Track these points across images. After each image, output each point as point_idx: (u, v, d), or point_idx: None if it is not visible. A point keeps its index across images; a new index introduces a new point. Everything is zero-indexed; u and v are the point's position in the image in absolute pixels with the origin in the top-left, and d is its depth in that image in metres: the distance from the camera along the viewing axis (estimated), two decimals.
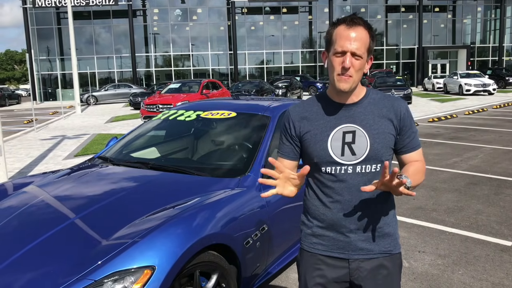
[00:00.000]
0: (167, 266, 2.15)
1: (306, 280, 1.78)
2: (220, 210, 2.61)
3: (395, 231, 1.77)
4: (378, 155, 1.68)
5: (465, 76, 26.54)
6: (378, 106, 1.73)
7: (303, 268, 1.81)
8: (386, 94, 1.80)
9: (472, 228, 4.53)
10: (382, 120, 1.70)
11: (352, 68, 1.62)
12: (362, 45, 1.62)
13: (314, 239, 1.77)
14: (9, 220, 2.67)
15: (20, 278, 2.12)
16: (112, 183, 3.20)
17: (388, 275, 1.73)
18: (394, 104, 1.73)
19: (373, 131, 1.68)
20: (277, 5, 36.95)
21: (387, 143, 1.69)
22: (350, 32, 1.62)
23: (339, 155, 1.68)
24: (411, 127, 1.74)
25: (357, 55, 1.62)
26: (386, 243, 1.74)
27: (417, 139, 1.77)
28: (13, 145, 11.36)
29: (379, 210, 1.72)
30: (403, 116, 1.72)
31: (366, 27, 1.66)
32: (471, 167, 7.24)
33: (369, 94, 1.76)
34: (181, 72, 37.02)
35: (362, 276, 1.72)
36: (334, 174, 1.69)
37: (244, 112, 3.77)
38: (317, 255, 1.76)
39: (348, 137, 1.68)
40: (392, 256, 1.75)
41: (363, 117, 1.70)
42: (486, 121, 13.57)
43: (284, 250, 3.23)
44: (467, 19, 40.40)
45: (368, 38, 1.65)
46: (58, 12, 35.32)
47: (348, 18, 1.64)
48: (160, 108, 14.64)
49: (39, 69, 35.24)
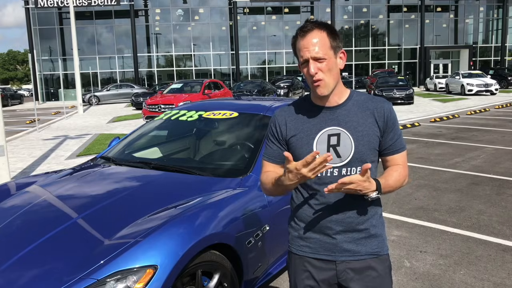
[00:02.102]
0: (169, 266, 2.16)
1: (296, 282, 1.80)
2: (222, 210, 2.62)
3: (382, 232, 1.77)
4: (363, 157, 1.68)
5: (467, 76, 26.49)
6: (362, 107, 1.73)
7: (292, 271, 1.83)
8: (370, 96, 1.80)
9: (474, 228, 4.53)
10: (366, 122, 1.70)
11: (319, 72, 1.64)
12: (320, 47, 1.63)
13: (301, 242, 1.78)
14: (12, 220, 2.69)
15: (23, 276, 2.13)
16: (114, 183, 3.21)
17: (377, 277, 1.73)
18: (378, 106, 1.73)
19: (358, 133, 1.68)
20: (279, 5, 36.94)
21: (371, 145, 1.70)
22: (305, 41, 1.64)
23: None
24: (394, 128, 1.73)
25: (319, 58, 1.63)
26: (373, 244, 1.74)
27: (401, 141, 1.75)
28: (15, 145, 11.39)
29: (365, 212, 1.72)
30: (387, 117, 1.72)
31: (321, 28, 1.66)
32: (473, 167, 7.23)
33: (352, 95, 1.76)
34: (183, 72, 37.05)
35: (349, 277, 1.72)
36: (320, 177, 1.69)
37: (246, 112, 3.77)
38: (305, 257, 1.77)
39: (333, 140, 1.69)
40: (380, 257, 1.75)
41: (347, 119, 1.70)
42: (488, 121, 13.54)
43: (286, 250, 3.23)
44: (469, 19, 40.31)
45: (326, 37, 1.65)
46: (60, 12, 35.39)
47: (300, 28, 1.67)
48: (162, 108, 14.66)
49: (41, 69, 35.31)
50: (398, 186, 1.72)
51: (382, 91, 20.45)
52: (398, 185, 1.72)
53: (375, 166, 1.76)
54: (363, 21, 38.26)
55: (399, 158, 1.75)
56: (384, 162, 1.79)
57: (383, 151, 1.75)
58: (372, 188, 1.58)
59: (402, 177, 1.73)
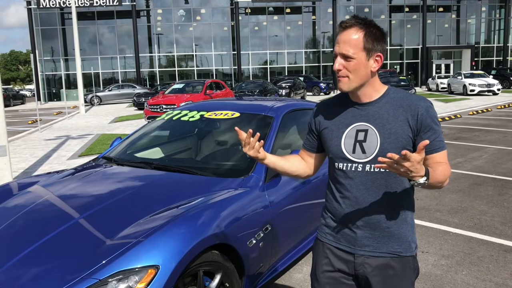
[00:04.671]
0: (171, 266, 2.16)
1: (316, 266, 1.87)
2: (223, 210, 2.62)
3: (407, 234, 1.73)
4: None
5: (469, 76, 26.46)
6: (395, 105, 1.70)
7: (315, 255, 1.91)
8: (408, 93, 1.75)
9: (476, 229, 4.52)
10: (396, 120, 1.67)
11: (344, 69, 1.66)
12: (351, 46, 1.63)
13: (326, 230, 1.86)
14: (14, 220, 2.69)
15: (25, 276, 2.14)
16: (116, 183, 3.21)
17: (394, 276, 1.72)
18: (412, 104, 1.68)
19: (385, 131, 1.67)
20: (280, 5, 36.94)
21: (399, 144, 1.65)
22: (341, 35, 1.66)
23: (350, 152, 1.72)
24: (432, 127, 1.66)
25: (347, 56, 1.64)
26: (395, 244, 1.72)
27: (440, 140, 1.67)
28: (17, 145, 11.42)
29: (388, 210, 1.71)
30: (421, 116, 1.65)
31: (361, 26, 1.64)
32: (475, 168, 7.22)
33: (388, 93, 1.74)
34: (185, 72, 37.08)
35: (367, 272, 1.74)
36: (345, 171, 1.74)
37: (248, 112, 3.78)
38: (327, 244, 1.84)
39: (361, 135, 1.71)
40: (401, 258, 1.73)
41: (377, 116, 1.70)
42: (491, 121, 13.52)
43: (287, 250, 3.24)
44: (471, 19, 40.25)
45: (362, 37, 1.63)
46: (62, 12, 35.46)
47: (342, 22, 1.67)
48: (164, 108, 14.66)
49: (44, 69, 35.39)
50: (443, 180, 1.60)
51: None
52: (443, 180, 1.60)
53: None
54: None
55: (438, 157, 1.66)
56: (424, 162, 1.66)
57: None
58: (422, 173, 1.47)
59: (447, 172, 1.62)
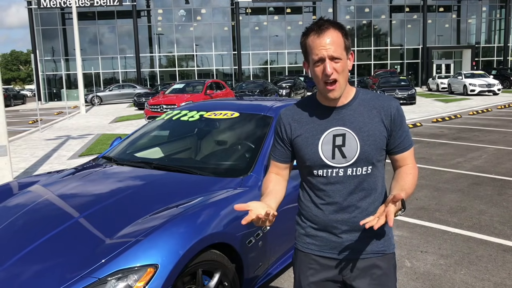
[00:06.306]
0: (170, 265, 2.17)
1: (301, 279, 1.80)
2: (222, 209, 2.63)
3: (388, 231, 1.76)
4: (369, 157, 1.67)
5: (470, 76, 26.44)
6: (368, 107, 1.70)
7: (298, 268, 1.83)
8: (377, 94, 1.77)
9: (475, 228, 4.53)
10: (372, 122, 1.68)
11: (335, 72, 1.60)
12: (337, 47, 1.60)
13: (307, 239, 1.79)
14: (14, 219, 2.71)
15: (25, 274, 2.15)
16: (116, 182, 3.23)
17: (382, 275, 1.73)
18: (385, 105, 1.70)
19: (363, 133, 1.67)
20: (281, 5, 36.92)
21: (377, 145, 1.68)
22: (321, 39, 1.59)
23: (330, 158, 1.68)
24: (402, 126, 1.71)
25: (336, 57, 1.60)
26: (379, 243, 1.73)
27: (409, 138, 1.74)
28: (18, 145, 11.43)
29: (370, 211, 1.71)
30: (394, 116, 1.69)
31: (336, 27, 1.63)
32: (474, 168, 7.23)
33: (358, 94, 1.73)
34: (185, 72, 37.08)
35: (354, 275, 1.72)
36: (326, 177, 1.70)
37: (247, 112, 3.79)
38: (311, 255, 1.78)
39: (338, 140, 1.67)
40: (385, 256, 1.74)
41: (353, 119, 1.68)
42: (491, 121, 13.52)
43: (286, 249, 3.25)
44: (471, 19, 40.21)
45: (341, 37, 1.62)
46: (62, 12, 35.46)
47: (315, 26, 1.62)
48: (164, 108, 14.68)
49: (44, 69, 35.39)
50: (414, 188, 1.70)
51: (384, 91, 20.43)
52: (414, 187, 1.70)
53: (382, 165, 1.75)
54: (365, 21, 38.22)
55: (408, 156, 1.74)
56: (393, 161, 1.77)
57: (392, 150, 1.73)
58: (398, 207, 1.54)
59: (416, 178, 1.72)
